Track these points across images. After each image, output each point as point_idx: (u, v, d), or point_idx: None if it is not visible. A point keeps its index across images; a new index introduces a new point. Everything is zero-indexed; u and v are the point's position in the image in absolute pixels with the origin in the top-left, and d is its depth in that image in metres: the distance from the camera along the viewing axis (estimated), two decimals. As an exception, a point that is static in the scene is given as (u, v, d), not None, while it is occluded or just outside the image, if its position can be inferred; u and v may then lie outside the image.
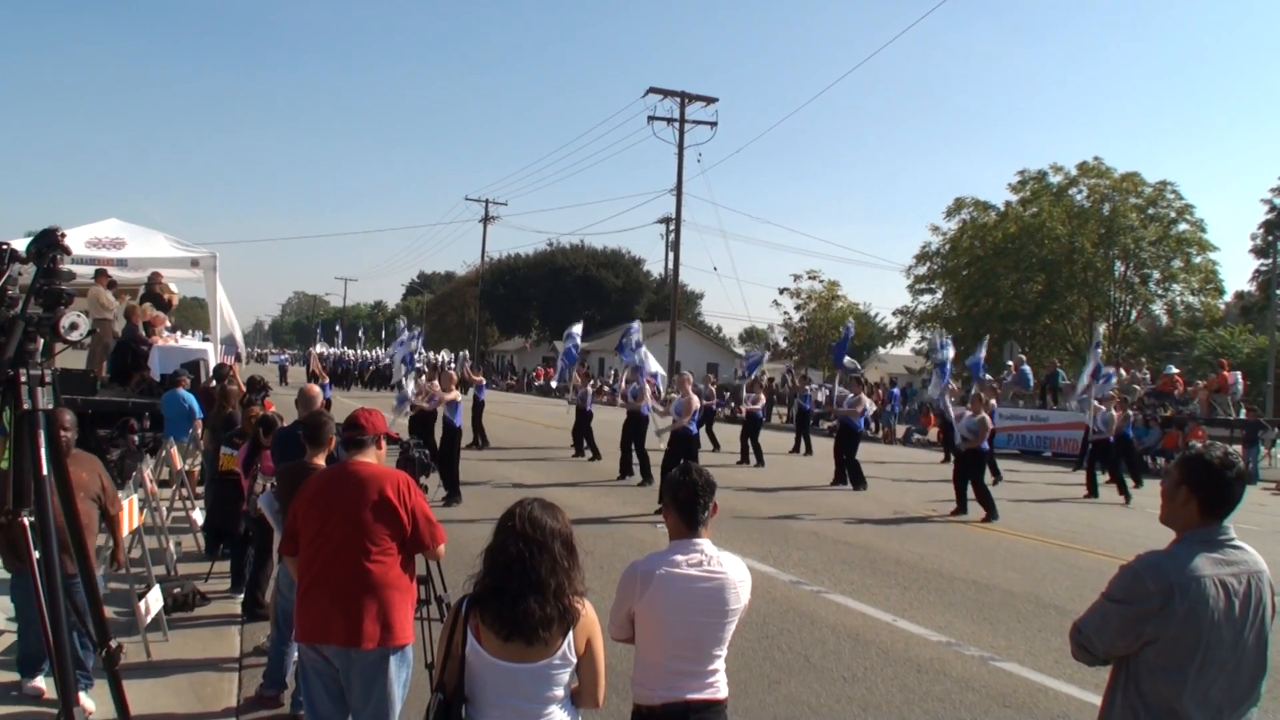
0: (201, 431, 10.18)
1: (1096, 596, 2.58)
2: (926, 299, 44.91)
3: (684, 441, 12.44)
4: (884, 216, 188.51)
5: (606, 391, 30.89)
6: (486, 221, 59.25)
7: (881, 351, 57.66)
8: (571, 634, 2.65)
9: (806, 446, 20.89)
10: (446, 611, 3.72)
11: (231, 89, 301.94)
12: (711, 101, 35.88)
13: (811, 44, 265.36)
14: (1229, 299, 42.91)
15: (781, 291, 50.96)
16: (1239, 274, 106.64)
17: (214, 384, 10.86)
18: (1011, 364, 25.90)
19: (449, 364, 35.79)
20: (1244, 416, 20.45)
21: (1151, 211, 38.91)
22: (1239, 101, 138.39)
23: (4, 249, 2.95)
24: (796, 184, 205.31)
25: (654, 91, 35.26)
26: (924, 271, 44.26)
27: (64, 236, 3.10)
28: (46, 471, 2.88)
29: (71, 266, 3.54)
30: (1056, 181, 40.53)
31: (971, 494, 12.25)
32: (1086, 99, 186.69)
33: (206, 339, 15.40)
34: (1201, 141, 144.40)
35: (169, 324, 14.81)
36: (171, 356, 12.99)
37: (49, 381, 2.94)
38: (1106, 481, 15.26)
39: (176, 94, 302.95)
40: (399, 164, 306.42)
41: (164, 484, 9.39)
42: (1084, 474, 15.71)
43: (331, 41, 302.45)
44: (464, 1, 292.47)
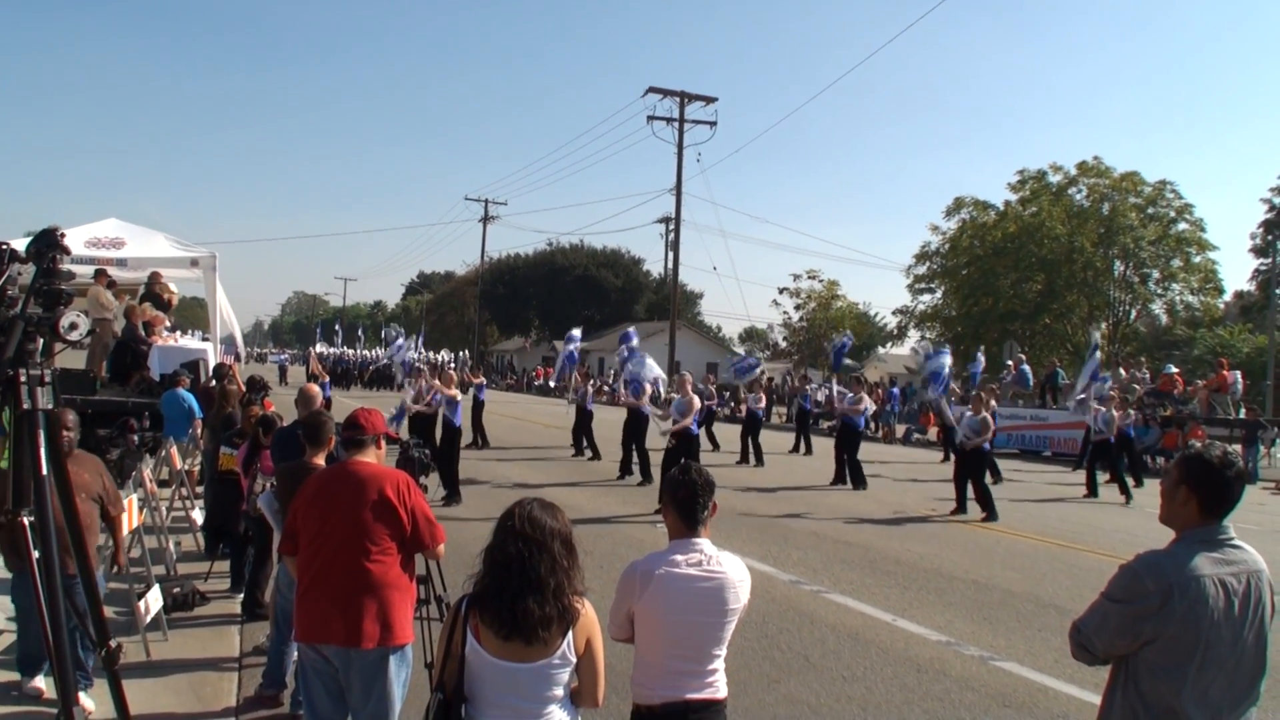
0: (201, 431, 10.18)
1: (1096, 596, 2.58)
2: (926, 298, 45.05)
3: (685, 441, 12.45)
4: (883, 216, 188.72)
5: (606, 391, 30.91)
6: (486, 221, 59.28)
7: (881, 351, 57.70)
8: (571, 634, 2.65)
9: (806, 446, 20.90)
10: (446, 611, 3.72)
11: (231, 88, 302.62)
12: (711, 101, 35.91)
13: (811, 43, 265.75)
14: (1228, 298, 43.03)
15: (781, 291, 51.04)
16: (1238, 273, 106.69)
17: (213, 384, 10.86)
18: (1011, 364, 25.94)
19: (449, 364, 35.81)
20: (1243, 416, 20.46)
21: (1151, 211, 38.94)
22: (1239, 100, 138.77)
23: (4, 249, 2.95)
24: (796, 183, 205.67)
25: (654, 91, 35.28)
26: (924, 271, 44.34)
27: (63, 236, 3.10)
28: (46, 471, 2.88)
29: (71, 266, 3.53)
30: (1056, 181, 40.56)
31: (971, 494, 12.26)
32: (1086, 97, 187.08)
33: (206, 339, 15.40)
34: (1201, 141, 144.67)
35: (168, 324, 14.81)
36: (171, 356, 12.99)
37: (49, 381, 2.94)
38: (1107, 481, 15.27)
39: (176, 93, 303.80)
40: (399, 163, 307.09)
41: (163, 484, 9.39)
42: (1084, 474, 15.73)
43: (331, 41, 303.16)
44: (464, 1, 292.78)
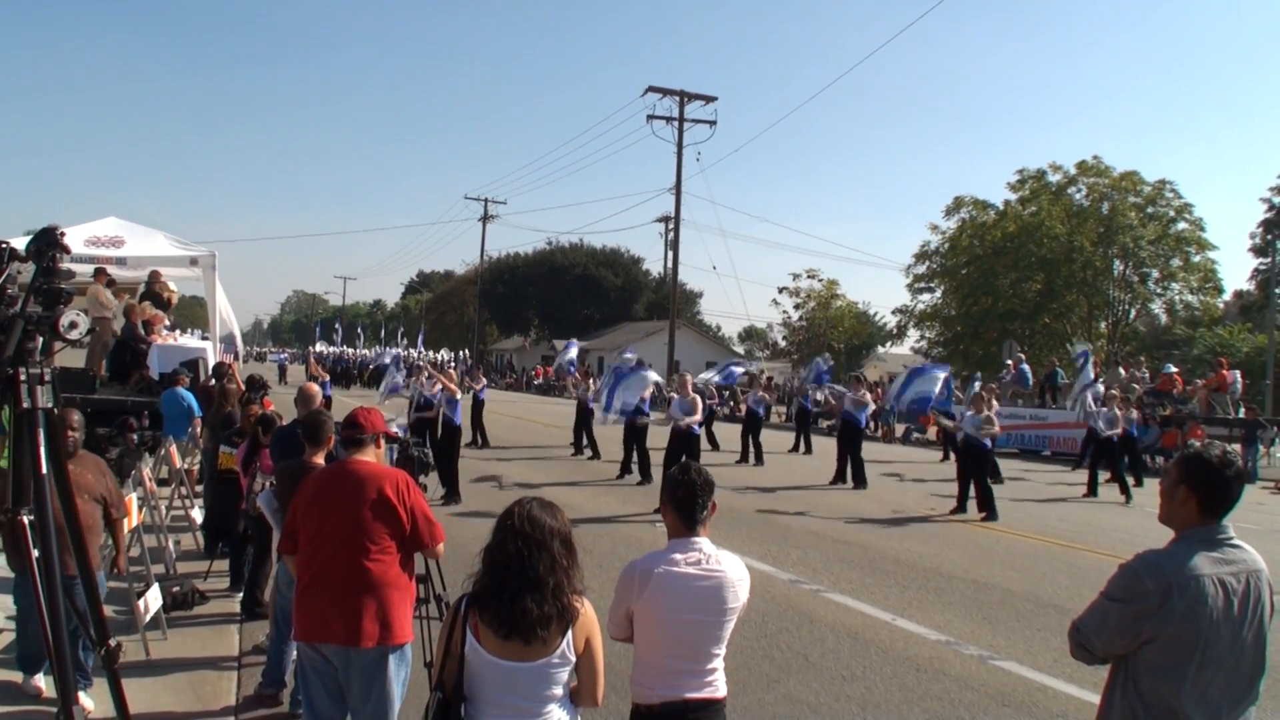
0: (200, 430, 10.18)
1: (1095, 595, 2.58)
2: (926, 298, 45.08)
3: (685, 441, 12.45)
4: (883, 215, 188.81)
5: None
6: (486, 220, 59.35)
7: (881, 351, 57.70)
8: (570, 633, 2.65)
9: (806, 445, 20.90)
10: (445, 610, 3.72)
11: (230, 86, 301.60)
12: (710, 100, 35.94)
13: (810, 42, 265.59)
14: (1228, 298, 43.02)
15: (780, 290, 51.07)
16: (1238, 273, 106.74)
17: (213, 382, 10.86)
18: (1011, 363, 25.92)
19: (449, 363, 35.84)
20: (1243, 415, 20.46)
21: (1150, 210, 38.94)
22: (1239, 99, 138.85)
23: (3, 247, 2.95)
24: (795, 182, 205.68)
25: (653, 90, 35.31)
26: (923, 270, 44.36)
27: (63, 235, 3.10)
28: (46, 470, 2.88)
29: (71, 265, 3.53)
30: (1055, 180, 40.56)
31: (972, 492, 12.24)
32: (1086, 96, 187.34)
33: (205, 337, 15.40)
34: (1201, 140, 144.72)
35: (168, 322, 14.82)
36: (170, 355, 13.00)
37: (48, 380, 2.94)
38: (1107, 480, 15.26)
39: (176, 91, 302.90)
40: (398, 162, 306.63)
41: (163, 482, 9.39)
42: (1085, 473, 15.72)
43: (331, 39, 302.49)
44: (464, 0, 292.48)
